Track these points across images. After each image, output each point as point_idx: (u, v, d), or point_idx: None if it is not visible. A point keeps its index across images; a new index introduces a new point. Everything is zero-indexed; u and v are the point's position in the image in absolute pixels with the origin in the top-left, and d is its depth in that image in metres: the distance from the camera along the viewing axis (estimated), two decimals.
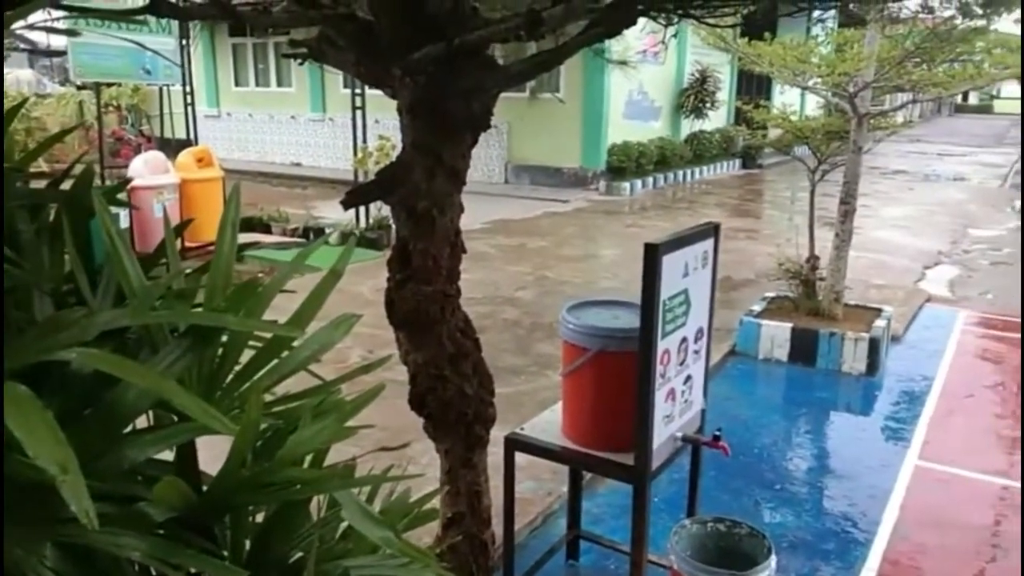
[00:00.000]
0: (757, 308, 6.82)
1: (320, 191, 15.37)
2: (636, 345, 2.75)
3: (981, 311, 8.25)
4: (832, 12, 7.06)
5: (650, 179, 16.17)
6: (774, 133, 7.85)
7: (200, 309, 1.21)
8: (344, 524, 1.24)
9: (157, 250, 1.35)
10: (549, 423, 3.21)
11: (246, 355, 1.25)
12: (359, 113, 10.45)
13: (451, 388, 2.39)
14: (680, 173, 17.26)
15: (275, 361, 1.22)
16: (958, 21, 4.90)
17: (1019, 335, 7.48)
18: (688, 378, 3.06)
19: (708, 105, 17.95)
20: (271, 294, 1.22)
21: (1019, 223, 13.87)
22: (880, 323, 6.45)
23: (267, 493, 1.09)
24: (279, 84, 19.40)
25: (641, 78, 16.27)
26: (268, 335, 1.22)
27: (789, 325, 6.40)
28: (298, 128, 19.11)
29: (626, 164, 15.51)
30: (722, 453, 2.97)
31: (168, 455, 1.13)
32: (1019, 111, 46.84)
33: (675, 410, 2.99)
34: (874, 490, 4.47)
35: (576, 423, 3.09)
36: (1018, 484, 4.64)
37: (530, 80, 7.36)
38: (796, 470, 4.79)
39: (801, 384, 6.14)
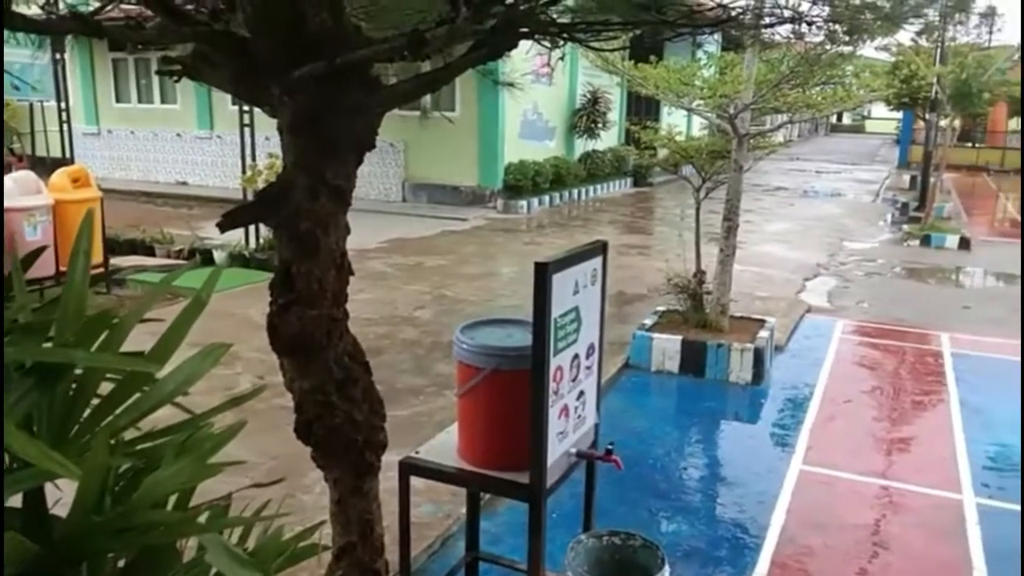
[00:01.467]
0: (649, 322, 7.00)
1: (208, 211, 14.81)
2: (529, 363, 2.76)
3: (857, 320, 8.74)
4: (715, 36, 7.37)
5: (546, 197, 16.42)
6: (663, 153, 8.12)
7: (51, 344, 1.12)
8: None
9: (6, 281, 1.25)
10: (444, 445, 3.17)
11: (108, 389, 1.17)
12: (248, 130, 10.15)
13: (339, 415, 2.32)
14: (575, 191, 17.61)
15: (136, 395, 1.15)
16: (828, 47, 5.21)
17: (892, 342, 7.96)
18: (581, 394, 3.09)
19: (600, 125, 18.41)
20: (130, 325, 1.15)
21: (892, 236, 14.82)
22: (764, 334, 6.73)
23: (125, 538, 1.02)
24: (163, 101, 18.65)
25: (535, 98, 16.54)
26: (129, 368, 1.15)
27: (679, 338, 6.60)
28: (184, 146, 18.40)
29: (523, 182, 15.69)
30: (615, 467, 3.01)
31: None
32: (887, 131, 50.16)
33: (569, 426, 3.01)
34: (762, 495, 4.64)
35: (472, 444, 3.07)
36: (896, 484, 4.91)
37: (415, 100, 7.31)
38: (689, 479, 4.92)
39: (692, 395, 6.33)
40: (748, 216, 15.76)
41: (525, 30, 2.93)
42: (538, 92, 16.45)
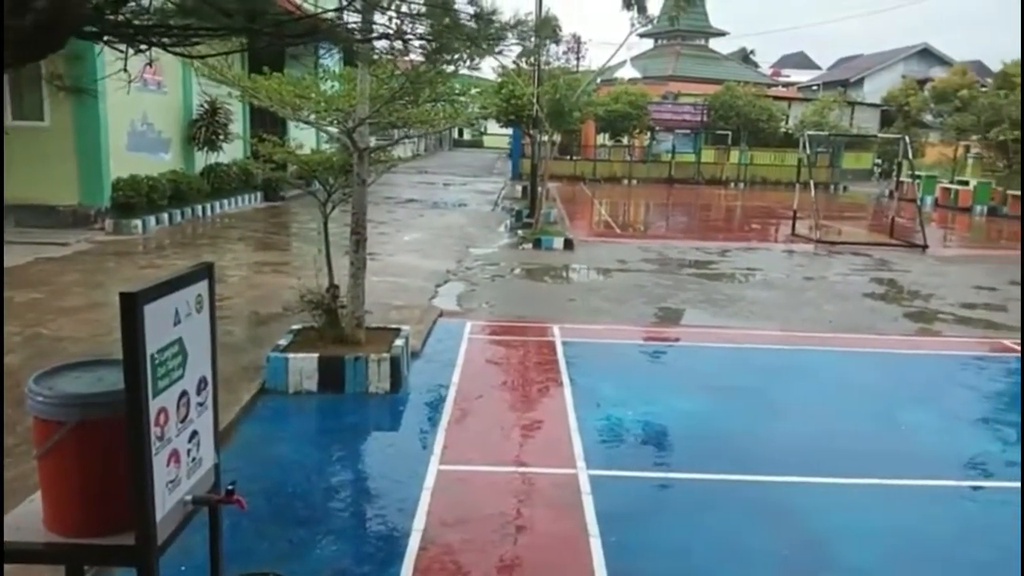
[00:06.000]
0: (283, 342, 6.75)
1: None
2: (124, 409, 2.43)
3: (484, 320, 9.38)
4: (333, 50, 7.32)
5: (165, 215, 15.09)
6: (294, 167, 7.88)
7: None
8: None
9: None
10: (28, 517, 2.68)
11: None
12: None
13: None
14: (199, 207, 16.46)
15: None
16: (429, 65, 5.45)
17: (514, 337, 8.67)
18: (194, 434, 2.81)
19: (221, 137, 17.43)
20: None
21: (510, 241, 16.20)
22: (399, 342, 6.87)
23: None
24: None
25: (144, 107, 15.14)
26: None
27: (316, 355, 6.45)
28: None
29: (136, 200, 14.21)
30: (238, 508, 2.79)
31: None
32: (502, 145, 55.04)
33: (182, 472, 2.71)
34: (403, 503, 4.69)
35: (60, 510, 2.62)
36: (523, 469, 5.29)
37: None
38: (330, 500, 4.81)
39: (332, 412, 6.23)
40: (382, 228, 16.17)
41: (93, 30, 2.58)
42: (147, 100, 15.08)
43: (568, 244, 15.31)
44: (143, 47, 2.86)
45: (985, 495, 5.26)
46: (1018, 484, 5.39)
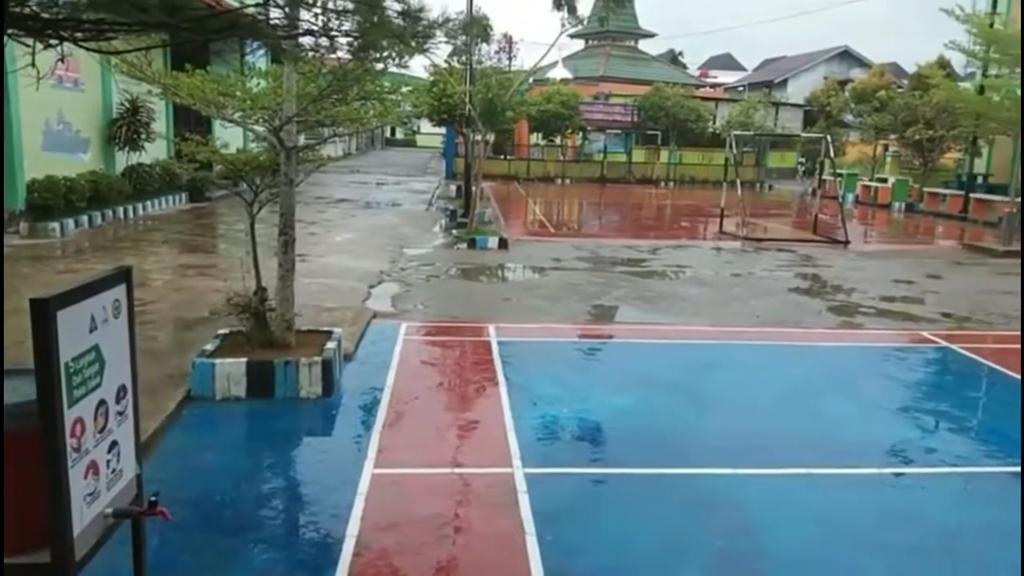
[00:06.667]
0: (210, 347, 6.56)
1: None
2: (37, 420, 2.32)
3: (419, 321, 9.31)
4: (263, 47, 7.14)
5: (84, 217, 14.54)
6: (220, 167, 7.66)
7: None
8: None
9: None
10: None
11: None
12: None
13: None
14: (120, 209, 15.91)
15: None
16: (356, 63, 5.37)
17: (450, 337, 8.63)
18: (114, 444, 2.70)
19: (143, 137, 16.86)
20: None
21: (445, 241, 16.12)
22: (331, 345, 6.75)
23: None
24: None
25: (60, 105, 14.55)
26: None
27: (244, 360, 6.29)
28: None
29: (52, 202, 13.64)
30: (162, 519, 2.69)
31: None
32: (435, 145, 54.74)
33: (101, 485, 2.61)
34: (336, 508, 4.60)
35: None
36: (459, 469, 5.26)
37: None
38: (261, 508, 4.69)
39: (261, 418, 6.08)
40: (313, 228, 15.92)
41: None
42: (63, 98, 14.49)
43: (503, 243, 15.32)
44: (53, 42, 2.73)
45: (906, 481, 5.47)
46: (937, 470, 5.64)
